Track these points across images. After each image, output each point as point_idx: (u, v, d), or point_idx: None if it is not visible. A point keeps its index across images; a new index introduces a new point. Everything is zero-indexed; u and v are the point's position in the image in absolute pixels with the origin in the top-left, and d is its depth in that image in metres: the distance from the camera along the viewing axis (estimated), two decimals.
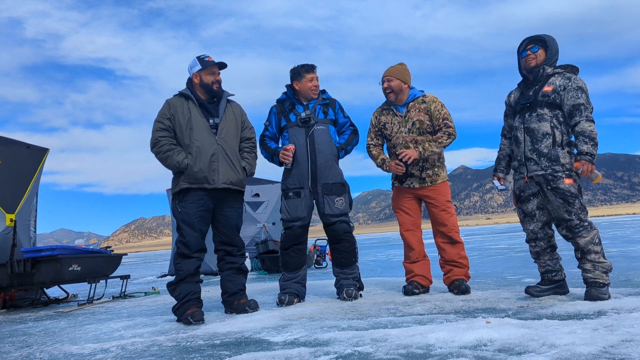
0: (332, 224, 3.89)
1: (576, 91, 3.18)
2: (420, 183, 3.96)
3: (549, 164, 3.21)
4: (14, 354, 2.71)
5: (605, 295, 3.05)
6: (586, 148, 3.08)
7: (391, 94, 4.01)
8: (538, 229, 3.35)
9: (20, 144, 5.90)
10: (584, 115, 3.14)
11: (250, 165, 3.78)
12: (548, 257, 3.36)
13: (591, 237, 3.13)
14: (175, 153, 3.51)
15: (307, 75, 3.95)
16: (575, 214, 3.15)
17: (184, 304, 3.42)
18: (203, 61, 3.66)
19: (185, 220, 3.50)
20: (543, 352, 1.91)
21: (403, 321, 2.80)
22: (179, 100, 3.64)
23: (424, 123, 3.95)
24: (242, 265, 3.75)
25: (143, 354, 2.45)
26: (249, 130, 3.87)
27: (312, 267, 9.26)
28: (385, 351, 2.11)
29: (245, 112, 3.95)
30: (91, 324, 3.72)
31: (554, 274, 3.36)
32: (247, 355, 2.21)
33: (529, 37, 3.41)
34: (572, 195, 3.16)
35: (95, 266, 5.45)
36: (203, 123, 3.57)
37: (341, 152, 4.01)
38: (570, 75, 3.27)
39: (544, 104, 3.25)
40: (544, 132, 3.23)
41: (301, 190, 3.88)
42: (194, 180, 3.50)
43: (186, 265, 3.48)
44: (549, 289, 3.35)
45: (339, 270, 3.98)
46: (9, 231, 5.39)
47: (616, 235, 13.42)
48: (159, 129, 3.58)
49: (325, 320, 2.99)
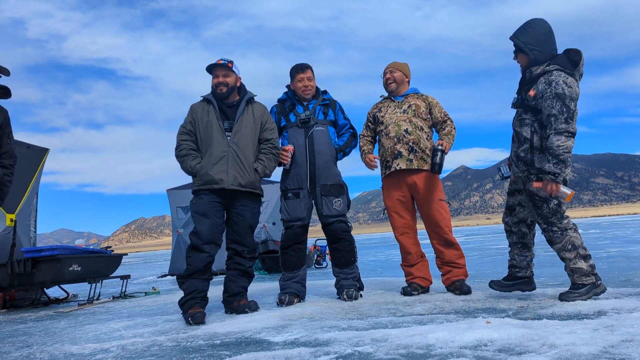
0: (330, 224, 3.90)
1: (552, 100, 3.01)
2: (407, 164, 3.85)
3: (525, 168, 3.21)
4: (14, 354, 2.71)
5: (582, 296, 3.06)
6: (547, 167, 2.98)
7: (393, 84, 4.08)
8: (512, 223, 3.39)
9: (20, 144, 5.90)
10: (552, 128, 3.00)
11: (263, 167, 3.72)
12: (517, 252, 3.38)
13: (563, 244, 3.11)
14: (190, 158, 3.62)
15: (298, 76, 3.97)
16: (542, 218, 3.14)
17: (188, 301, 3.41)
18: (210, 65, 3.72)
19: (198, 210, 3.56)
20: (543, 352, 1.91)
21: (403, 321, 2.80)
22: (201, 105, 3.75)
23: (420, 108, 3.98)
24: (248, 268, 3.72)
25: (143, 354, 2.45)
26: (269, 131, 3.81)
27: (312, 267, 9.26)
28: (386, 351, 2.11)
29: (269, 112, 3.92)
30: (91, 324, 3.72)
31: (517, 270, 3.37)
32: (248, 355, 2.21)
33: (511, 38, 3.29)
34: (540, 199, 3.12)
35: (96, 266, 5.45)
36: (218, 126, 3.64)
37: (339, 154, 4.02)
38: (555, 77, 3.06)
39: (528, 108, 3.20)
40: (524, 137, 3.20)
41: (300, 190, 3.88)
42: (203, 182, 3.57)
43: (195, 260, 3.46)
44: (512, 284, 3.37)
45: (339, 270, 3.98)
46: (9, 231, 5.39)
47: (616, 235, 13.43)
48: (182, 132, 3.71)
49: (325, 320, 2.99)
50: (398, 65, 4.14)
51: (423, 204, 3.94)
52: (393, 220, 4.05)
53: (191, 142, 3.68)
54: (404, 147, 3.89)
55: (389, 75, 4.10)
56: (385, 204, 4.11)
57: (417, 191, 3.92)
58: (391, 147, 3.93)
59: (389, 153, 3.95)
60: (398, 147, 3.89)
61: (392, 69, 4.12)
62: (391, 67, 4.13)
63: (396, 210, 4.02)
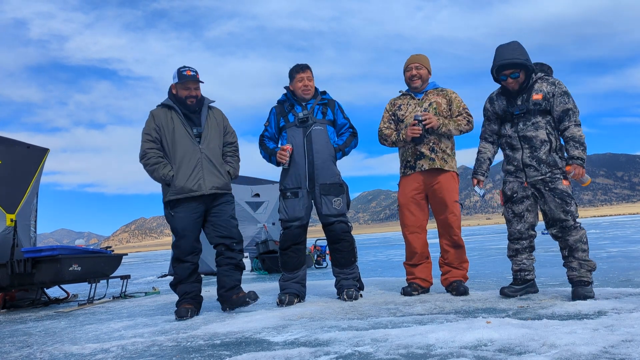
0: (330, 224, 3.89)
1: (562, 96, 3.30)
2: (430, 163, 3.84)
3: (549, 169, 3.32)
4: (14, 354, 2.71)
5: (591, 293, 3.15)
6: (577, 153, 3.21)
7: (418, 80, 3.99)
8: (524, 230, 3.46)
9: (21, 144, 5.90)
10: (572, 120, 3.26)
11: (234, 169, 3.90)
12: (525, 257, 3.48)
13: (580, 236, 3.25)
14: (161, 167, 3.63)
15: (297, 76, 3.96)
16: (571, 215, 3.26)
17: (179, 302, 3.65)
18: (181, 75, 3.72)
19: (178, 226, 3.65)
20: (543, 352, 1.91)
21: (403, 321, 2.80)
22: (162, 111, 3.74)
23: (441, 106, 3.92)
24: (240, 261, 3.82)
25: (143, 354, 2.45)
26: (231, 135, 3.98)
27: (312, 267, 9.26)
28: (386, 351, 2.11)
29: (229, 118, 4.04)
30: (91, 324, 3.72)
31: (526, 273, 3.48)
32: (247, 355, 2.21)
33: (507, 63, 3.31)
34: (569, 195, 3.28)
35: (96, 266, 5.45)
36: (186, 133, 3.68)
37: (338, 154, 3.99)
38: (552, 79, 3.38)
39: (537, 112, 3.35)
40: (542, 140, 3.33)
41: (299, 190, 3.88)
42: (180, 191, 3.62)
43: (181, 270, 3.66)
44: (522, 288, 3.47)
45: (339, 270, 3.98)
46: (9, 231, 5.39)
47: (616, 235, 13.42)
48: (147, 140, 3.68)
49: (325, 320, 2.99)
50: (423, 60, 4.02)
51: (439, 203, 3.90)
52: (404, 217, 3.99)
53: (157, 149, 3.68)
54: (425, 147, 3.87)
55: (415, 72, 3.98)
56: (399, 201, 4.05)
57: (434, 191, 3.89)
58: (412, 147, 3.91)
59: (410, 153, 3.93)
60: (419, 148, 3.88)
61: (419, 65, 3.99)
62: (416, 62, 4.00)
63: (409, 208, 3.96)
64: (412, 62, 4.02)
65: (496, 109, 3.56)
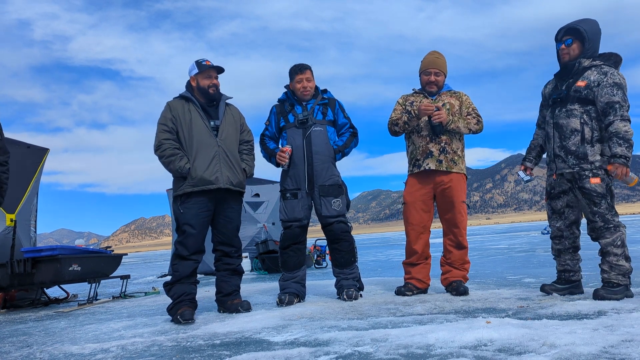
0: (329, 224, 3.89)
1: (611, 87, 3.02)
2: (437, 164, 3.82)
3: (577, 162, 3.12)
4: (14, 354, 2.71)
5: (616, 295, 3.03)
6: (620, 150, 2.95)
7: (435, 87, 3.97)
8: (564, 227, 3.31)
9: (21, 144, 5.90)
10: (618, 115, 2.99)
11: (249, 167, 3.83)
12: (569, 257, 3.33)
13: (613, 239, 3.07)
14: (177, 158, 3.53)
15: (296, 77, 3.95)
16: (599, 216, 3.07)
17: (176, 304, 3.47)
18: (200, 65, 3.68)
19: (188, 222, 3.53)
20: (543, 352, 1.91)
21: (403, 321, 2.80)
22: (180, 103, 3.67)
23: (454, 106, 3.91)
24: (238, 266, 3.79)
25: (143, 354, 2.45)
26: (247, 133, 3.92)
27: (312, 267, 9.26)
28: (386, 351, 2.11)
29: (244, 116, 3.98)
30: (91, 324, 3.71)
31: (571, 274, 3.34)
32: (247, 355, 2.21)
33: (565, 27, 3.22)
34: (599, 195, 3.07)
35: (96, 266, 5.45)
36: (204, 125, 3.60)
37: (338, 155, 3.98)
38: (607, 69, 3.10)
39: (575, 99, 3.12)
40: (572, 129, 3.12)
41: (298, 191, 3.88)
42: (197, 183, 3.52)
43: (182, 267, 3.52)
44: (565, 288, 3.34)
45: (339, 270, 3.98)
46: (9, 231, 5.38)
47: None
48: (163, 130, 3.59)
49: (325, 320, 2.99)
50: (442, 66, 3.97)
51: (446, 203, 3.89)
52: (410, 215, 3.96)
53: (173, 140, 3.59)
54: (436, 146, 3.86)
55: (433, 78, 3.93)
56: (405, 199, 4.02)
57: (442, 191, 3.87)
58: (423, 146, 3.89)
59: (420, 151, 3.90)
60: (430, 147, 3.86)
61: (438, 72, 3.94)
62: (436, 67, 3.94)
63: (415, 207, 3.94)
64: (433, 66, 3.95)
65: (546, 94, 3.40)
